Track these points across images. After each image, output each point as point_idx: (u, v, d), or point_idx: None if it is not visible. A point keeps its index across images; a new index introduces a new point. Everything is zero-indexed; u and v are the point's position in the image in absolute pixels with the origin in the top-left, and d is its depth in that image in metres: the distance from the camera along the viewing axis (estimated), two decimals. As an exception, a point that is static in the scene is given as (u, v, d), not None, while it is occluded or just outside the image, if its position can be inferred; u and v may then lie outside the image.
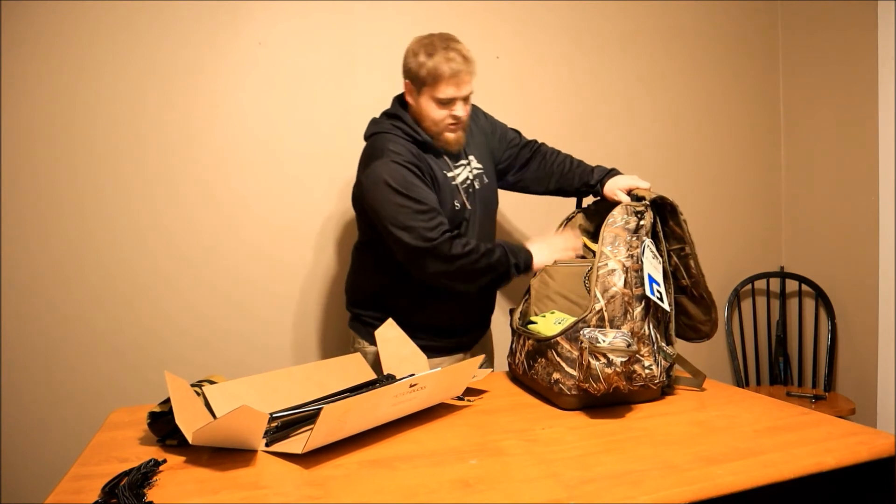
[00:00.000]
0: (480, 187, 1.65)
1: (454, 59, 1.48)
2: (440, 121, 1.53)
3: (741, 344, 2.61)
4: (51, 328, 1.90)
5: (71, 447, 1.89)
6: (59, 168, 1.89)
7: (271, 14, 2.03)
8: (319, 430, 1.00)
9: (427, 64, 1.48)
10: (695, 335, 1.47)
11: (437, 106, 1.52)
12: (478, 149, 1.69)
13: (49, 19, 1.85)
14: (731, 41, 2.61)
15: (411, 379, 1.14)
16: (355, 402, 1.04)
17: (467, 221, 1.60)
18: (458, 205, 1.57)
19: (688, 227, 1.39)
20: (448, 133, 1.55)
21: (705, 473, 0.94)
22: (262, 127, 2.04)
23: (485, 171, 1.68)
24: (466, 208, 1.59)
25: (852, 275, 2.44)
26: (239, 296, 2.04)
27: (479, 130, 1.72)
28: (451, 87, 1.49)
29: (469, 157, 1.66)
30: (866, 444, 1.03)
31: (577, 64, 2.38)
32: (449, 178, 1.58)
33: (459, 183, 1.60)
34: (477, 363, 1.34)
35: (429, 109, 1.53)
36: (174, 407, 1.07)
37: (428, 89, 1.51)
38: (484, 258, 1.48)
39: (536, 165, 1.78)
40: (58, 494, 0.92)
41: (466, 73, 1.50)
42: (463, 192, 1.59)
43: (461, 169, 1.62)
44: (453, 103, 1.52)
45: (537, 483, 0.93)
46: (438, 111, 1.52)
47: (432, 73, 1.48)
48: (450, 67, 1.47)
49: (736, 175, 2.65)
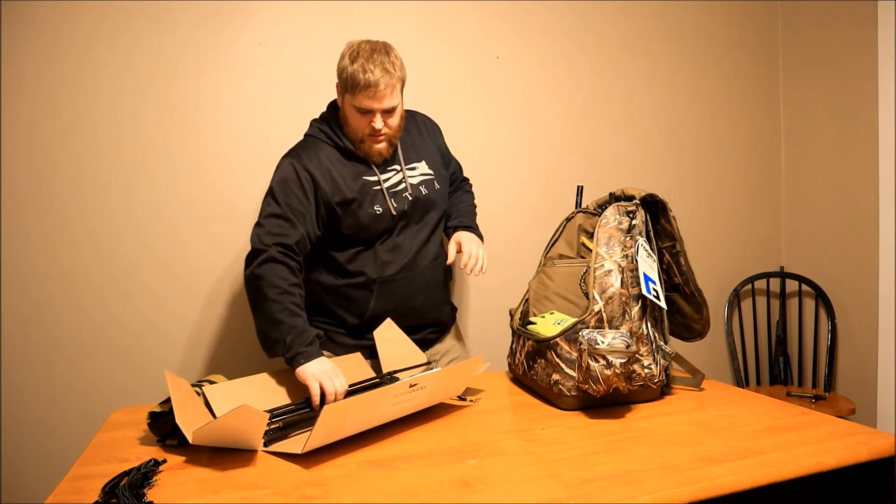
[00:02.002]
0: (428, 192, 1.64)
1: (372, 71, 1.43)
2: (359, 129, 1.52)
3: (741, 344, 2.61)
4: (51, 328, 1.90)
5: (71, 447, 1.89)
6: (59, 167, 1.89)
7: (271, 14, 2.04)
8: (319, 430, 1.00)
9: (348, 69, 1.46)
10: (689, 334, 1.47)
11: (357, 114, 1.50)
12: (429, 156, 1.69)
13: (49, 19, 1.85)
14: (731, 41, 2.61)
15: (412, 379, 1.14)
16: (355, 401, 1.04)
17: (400, 225, 1.60)
18: (379, 209, 1.56)
19: (677, 223, 1.39)
20: (369, 143, 1.53)
21: (705, 473, 0.94)
22: (263, 127, 2.04)
23: (435, 177, 1.68)
24: (392, 214, 1.57)
25: (852, 275, 2.44)
26: (240, 295, 2.04)
27: (432, 139, 1.73)
28: (367, 99, 1.46)
29: (413, 163, 1.65)
30: (866, 444, 1.03)
31: (577, 64, 2.38)
32: (371, 183, 1.57)
33: (388, 188, 1.58)
34: (478, 363, 1.34)
35: (350, 116, 1.53)
36: (174, 407, 1.07)
37: (349, 96, 1.49)
38: (259, 295, 1.41)
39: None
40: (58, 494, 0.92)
41: (386, 87, 1.45)
42: (391, 197, 1.58)
43: (392, 174, 1.61)
44: (372, 115, 1.48)
45: (537, 483, 0.93)
46: (358, 119, 1.51)
47: (351, 81, 1.46)
48: (365, 78, 1.43)
49: (736, 175, 2.65)
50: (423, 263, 1.65)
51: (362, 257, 1.59)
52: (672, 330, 1.48)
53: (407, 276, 1.61)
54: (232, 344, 2.05)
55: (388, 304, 1.60)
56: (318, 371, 1.30)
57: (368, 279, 1.59)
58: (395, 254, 1.61)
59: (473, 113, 2.25)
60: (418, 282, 1.64)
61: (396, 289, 1.61)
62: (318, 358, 1.34)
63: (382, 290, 1.60)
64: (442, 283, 1.73)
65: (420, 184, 1.64)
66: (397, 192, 1.60)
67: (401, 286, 1.61)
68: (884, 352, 2.33)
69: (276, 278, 1.41)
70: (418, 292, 1.64)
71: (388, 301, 1.60)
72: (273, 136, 2.05)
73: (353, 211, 1.54)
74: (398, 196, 1.60)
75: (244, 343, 2.05)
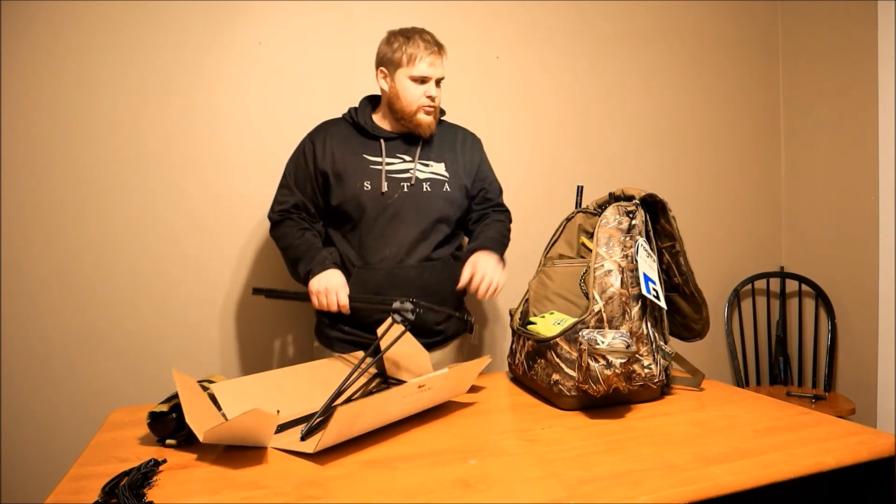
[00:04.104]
0: (433, 190, 1.65)
1: (429, 39, 1.61)
2: (415, 100, 1.61)
3: (741, 344, 2.61)
4: (51, 328, 1.90)
5: (71, 447, 1.89)
6: (59, 167, 1.89)
7: (271, 14, 2.04)
8: (332, 431, 1.01)
9: (402, 46, 1.59)
10: (688, 334, 1.48)
11: (413, 86, 1.60)
12: (453, 163, 1.71)
13: (49, 19, 1.85)
14: (731, 41, 2.61)
15: (420, 380, 1.14)
16: (367, 402, 1.05)
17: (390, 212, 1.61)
18: (367, 186, 1.61)
19: (677, 223, 1.38)
20: (422, 115, 1.62)
21: (705, 473, 0.94)
22: (263, 126, 2.04)
23: (449, 181, 1.68)
24: (381, 193, 1.61)
25: (852, 275, 2.44)
26: (241, 295, 2.04)
27: (464, 152, 1.75)
28: (427, 66, 1.59)
29: (430, 160, 1.67)
30: (866, 444, 1.03)
31: (578, 64, 2.38)
32: (369, 161, 1.63)
33: (388, 171, 1.63)
34: (483, 363, 1.34)
35: (404, 89, 1.61)
36: (183, 405, 1.07)
37: (403, 70, 1.60)
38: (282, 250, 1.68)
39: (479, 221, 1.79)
40: (58, 494, 0.92)
41: (442, 54, 1.62)
42: (387, 180, 1.62)
43: (399, 161, 1.65)
44: (427, 81, 1.60)
45: (537, 483, 0.93)
46: (414, 90, 1.60)
47: (409, 53, 1.59)
48: (426, 46, 1.59)
49: (736, 175, 2.65)
50: (410, 262, 1.63)
51: (350, 238, 1.64)
52: (672, 330, 1.48)
53: (387, 269, 1.61)
54: (232, 344, 2.05)
55: (361, 294, 1.59)
56: (317, 282, 1.53)
57: (348, 262, 1.62)
58: (380, 243, 1.61)
59: (473, 113, 2.25)
60: (400, 278, 1.61)
61: (372, 279, 1.60)
62: (325, 271, 1.54)
63: (358, 277, 1.60)
64: (432, 289, 1.63)
65: (426, 180, 1.65)
66: (397, 179, 1.62)
67: (378, 277, 1.60)
68: (884, 352, 2.33)
69: (285, 231, 1.66)
70: (396, 288, 1.58)
71: (362, 291, 1.60)
72: (273, 136, 2.05)
73: (342, 183, 1.62)
74: (396, 182, 1.62)
75: (244, 343, 2.05)
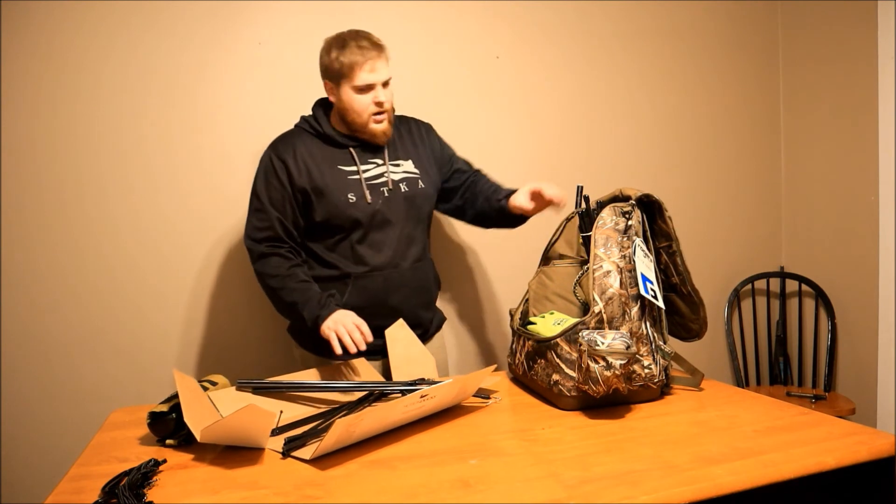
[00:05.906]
0: (410, 190, 1.65)
1: (365, 44, 1.54)
2: (364, 110, 1.56)
3: (741, 344, 2.61)
4: (51, 328, 1.90)
5: (71, 447, 1.89)
6: (59, 167, 1.89)
7: (271, 14, 2.03)
8: (329, 440, 1.00)
9: (339, 56, 1.54)
10: (686, 334, 1.48)
11: (358, 96, 1.56)
12: (418, 157, 1.70)
13: (49, 19, 1.85)
14: (730, 41, 2.60)
15: (422, 391, 1.13)
16: (366, 414, 1.04)
17: (378, 219, 1.60)
18: (353, 198, 1.59)
19: (673, 223, 1.39)
20: (374, 125, 1.59)
21: (705, 473, 0.94)
22: (263, 126, 2.04)
23: (421, 177, 1.68)
24: (367, 202, 1.59)
25: (852, 275, 2.44)
26: (241, 295, 2.04)
27: (423, 143, 1.74)
28: (367, 73, 1.54)
29: (399, 160, 1.67)
30: (866, 444, 1.03)
31: (577, 64, 2.38)
32: (346, 172, 1.60)
33: (366, 178, 1.61)
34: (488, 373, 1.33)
35: (351, 101, 1.56)
36: (183, 405, 1.07)
37: (346, 81, 1.55)
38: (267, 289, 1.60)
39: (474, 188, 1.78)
40: (58, 494, 0.92)
41: (380, 57, 1.55)
42: (369, 189, 1.60)
43: (373, 167, 1.63)
44: (373, 89, 1.55)
45: (537, 483, 0.93)
46: (360, 101, 1.56)
47: (347, 64, 1.53)
48: (361, 54, 1.53)
49: (736, 175, 2.65)
50: (404, 264, 1.64)
51: (339, 249, 1.62)
52: (670, 330, 1.48)
53: (384, 273, 1.61)
54: (232, 344, 2.05)
55: (362, 300, 1.60)
56: (332, 323, 1.46)
57: (343, 272, 1.60)
58: (373, 249, 1.61)
59: (473, 113, 2.25)
60: (396, 280, 1.63)
61: (371, 285, 1.61)
62: (333, 313, 1.48)
63: (357, 285, 1.60)
64: (423, 287, 1.71)
65: (402, 181, 1.64)
66: (376, 185, 1.61)
67: (377, 283, 1.61)
68: (884, 352, 2.33)
69: (272, 269, 1.57)
70: (395, 291, 1.63)
71: (363, 297, 1.60)
72: (273, 136, 2.04)
73: (325, 198, 1.58)
74: (376, 189, 1.61)
75: (245, 343, 2.05)
